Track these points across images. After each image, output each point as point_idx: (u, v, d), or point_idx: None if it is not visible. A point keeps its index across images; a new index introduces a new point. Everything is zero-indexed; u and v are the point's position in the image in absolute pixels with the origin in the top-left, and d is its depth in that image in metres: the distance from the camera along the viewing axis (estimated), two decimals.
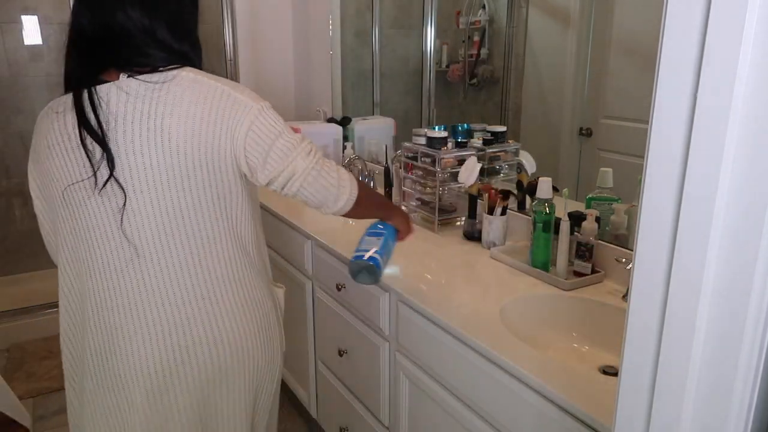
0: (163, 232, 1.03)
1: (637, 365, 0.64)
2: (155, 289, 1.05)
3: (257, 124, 1.04)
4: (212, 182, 1.04)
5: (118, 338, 1.07)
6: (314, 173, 1.09)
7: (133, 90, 1.01)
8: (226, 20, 3.00)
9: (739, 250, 0.54)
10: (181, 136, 1.00)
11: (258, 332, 1.15)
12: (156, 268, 1.05)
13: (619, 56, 1.59)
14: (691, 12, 0.54)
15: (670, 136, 0.57)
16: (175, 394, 1.09)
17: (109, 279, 1.07)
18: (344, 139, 2.64)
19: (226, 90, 1.04)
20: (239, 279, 1.11)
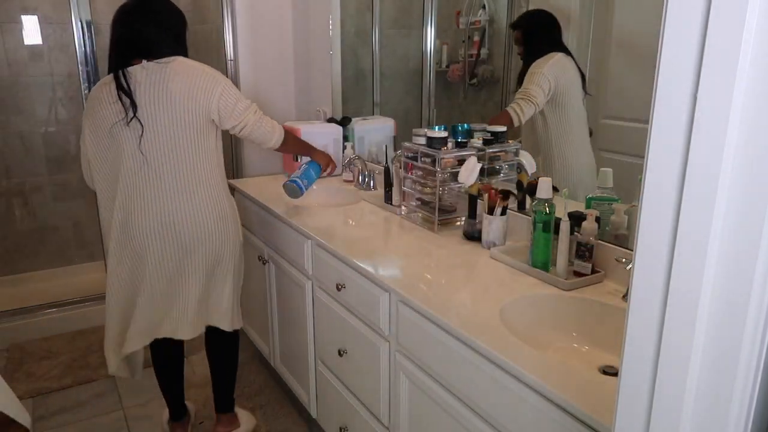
0: (163, 150, 1.75)
1: (637, 365, 0.64)
2: (155, 184, 1.77)
3: (225, 93, 1.79)
4: (194, 122, 1.76)
5: (133, 215, 1.78)
6: (258, 125, 1.88)
7: (150, 68, 1.75)
8: (226, 20, 3.00)
9: (739, 249, 0.54)
10: (178, 93, 1.73)
11: (216, 220, 1.84)
12: (157, 172, 1.76)
13: (619, 56, 1.59)
14: (691, 12, 0.54)
15: (670, 136, 0.57)
16: (163, 247, 1.80)
17: (130, 177, 1.77)
18: (344, 139, 2.64)
19: (206, 70, 1.80)
20: (206, 184, 1.81)
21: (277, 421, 2.30)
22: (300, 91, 3.16)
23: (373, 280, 1.55)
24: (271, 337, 2.38)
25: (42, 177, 3.46)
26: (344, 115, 2.71)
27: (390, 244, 1.85)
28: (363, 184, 2.45)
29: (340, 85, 2.79)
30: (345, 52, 2.78)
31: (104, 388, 2.53)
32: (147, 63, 1.74)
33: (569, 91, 1.79)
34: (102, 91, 1.78)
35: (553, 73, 1.80)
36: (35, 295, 3.06)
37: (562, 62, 1.78)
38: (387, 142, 2.48)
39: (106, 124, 1.76)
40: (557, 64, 1.79)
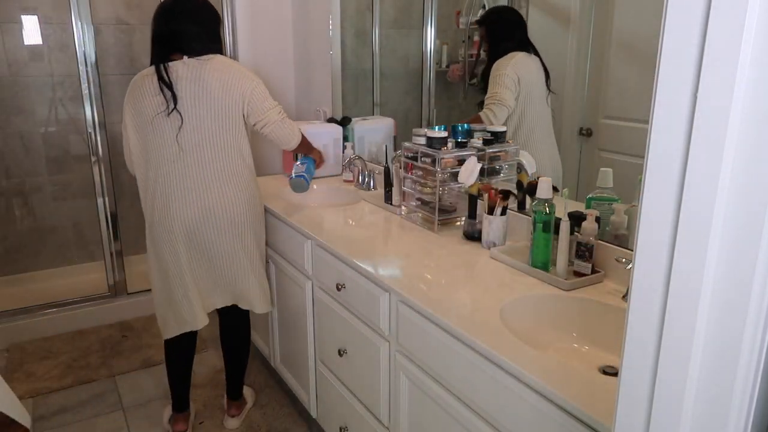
0: (200, 141, 1.89)
1: (637, 365, 0.64)
2: (190, 174, 1.91)
3: (255, 91, 1.93)
4: (229, 115, 1.90)
5: (171, 201, 1.91)
6: (280, 125, 1.98)
7: (190, 64, 1.88)
8: (226, 20, 3.00)
9: (739, 249, 0.54)
10: (215, 88, 1.87)
11: (246, 205, 1.99)
12: (191, 161, 1.90)
13: (619, 56, 1.59)
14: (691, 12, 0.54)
15: (670, 136, 0.57)
16: (200, 232, 1.94)
17: (168, 165, 1.90)
18: (344, 139, 2.64)
19: (241, 68, 1.95)
20: (238, 173, 1.96)
21: (277, 421, 2.30)
22: (300, 91, 3.16)
23: (373, 280, 1.55)
24: (271, 337, 2.38)
25: (42, 177, 3.46)
26: (344, 115, 2.71)
27: (390, 244, 1.85)
28: (363, 184, 2.45)
29: (340, 85, 2.79)
30: (345, 52, 2.78)
31: (104, 388, 2.53)
32: (188, 59, 1.87)
33: (531, 90, 1.85)
34: (144, 81, 1.89)
35: (516, 73, 1.86)
36: (35, 295, 3.06)
37: (524, 61, 1.84)
38: (387, 142, 2.48)
39: (149, 114, 1.88)
40: (519, 63, 1.85)
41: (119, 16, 3.48)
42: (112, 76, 3.51)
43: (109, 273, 3.06)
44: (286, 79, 3.16)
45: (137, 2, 3.51)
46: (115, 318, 3.08)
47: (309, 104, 3.07)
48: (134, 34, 3.54)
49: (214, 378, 2.58)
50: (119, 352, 2.79)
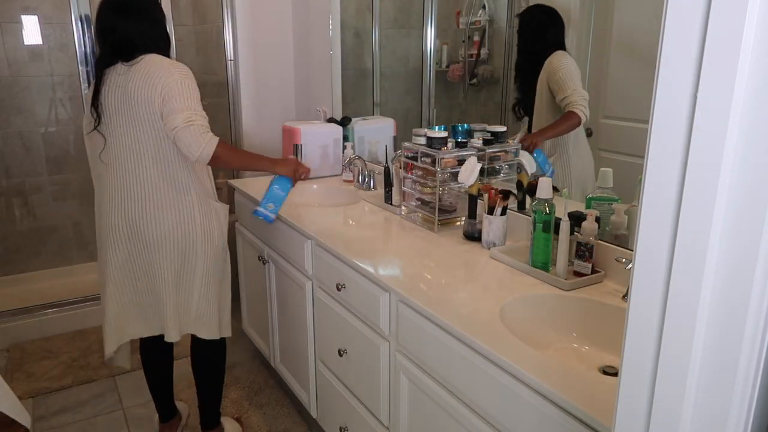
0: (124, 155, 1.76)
1: (637, 365, 0.64)
2: (117, 187, 1.78)
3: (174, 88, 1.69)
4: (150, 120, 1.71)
5: (103, 215, 1.83)
6: (181, 132, 1.68)
7: (119, 70, 1.74)
8: (226, 20, 3.00)
9: (739, 249, 0.54)
10: (136, 93, 1.70)
11: (178, 223, 1.80)
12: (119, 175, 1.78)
13: (619, 56, 1.59)
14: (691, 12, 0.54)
15: (670, 136, 0.57)
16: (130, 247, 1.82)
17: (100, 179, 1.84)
18: (344, 139, 2.64)
19: (165, 64, 1.73)
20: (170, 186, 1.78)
21: (277, 421, 2.30)
22: (300, 91, 3.16)
23: (373, 280, 1.55)
24: (271, 337, 2.38)
25: (42, 177, 3.46)
26: (344, 115, 2.71)
27: (390, 244, 1.85)
28: (363, 184, 2.45)
29: (340, 85, 2.79)
30: (345, 52, 2.78)
31: (104, 388, 2.53)
32: (119, 67, 1.74)
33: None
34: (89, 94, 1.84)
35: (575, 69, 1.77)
36: (35, 295, 3.06)
37: (572, 59, 1.76)
38: (387, 142, 2.48)
39: (87, 128, 1.84)
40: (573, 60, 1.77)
41: None
42: None
43: None
44: (286, 79, 3.16)
45: None
46: None
47: (309, 104, 3.07)
48: None
49: None
50: None
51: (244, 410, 2.37)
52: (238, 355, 2.79)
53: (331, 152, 2.62)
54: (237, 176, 3.19)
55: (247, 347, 2.84)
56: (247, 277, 2.60)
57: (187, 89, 1.72)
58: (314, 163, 2.58)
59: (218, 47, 3.21)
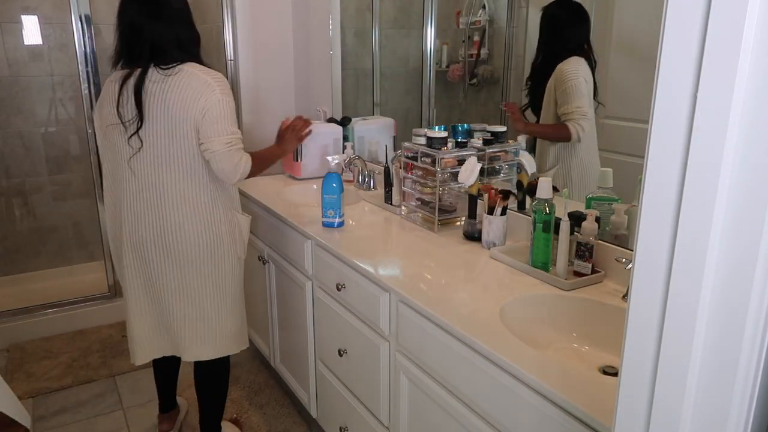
0: (152, 163, 1.71)
1: (637, 365, 0.64)
2: (147, 197, 1.74)
3: (213, 108, 1.67)
4: (185, 135, 1.68)
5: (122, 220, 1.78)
6: (220, 156, 1.69)
7: (154, 77, 1.68)
8: (226, 20, 3.00)
9: (739, 250, 0.54)
10: (173, 105, 1.66)
11: (208, 237, 1.78)
12: (144, 183, 1.73)
13: (619, 56, 1.59)
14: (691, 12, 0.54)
15: (670, 136, 0.57)
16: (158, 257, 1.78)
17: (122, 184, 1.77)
18: (344, 139, 2.64)
19: (208, 81, 1.69)
20: (193, 201, 1.75)
21: (277, 421, 2.30)
22: (300, 91, 3.16)
23: (373, 280, 1.55)
24: (271, 337, 2.38)
25: (42, 177, 3.46)
26: (344, 115, 2.71)
27: (390, 244, 1.85)
28: (363, 184, 2.45)
29: (340, 85, 2.79)
30: (345, 52, 2.78)
31: (104, 388, 2.53)
32: (153, 70, 1.68)
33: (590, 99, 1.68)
34: (109, 88, 1.76)
35: (586, 80, 1.66)
36: (35, 295, 3.06)
37: (587, 69, 1.65)
38: (387, 142, 2.48)
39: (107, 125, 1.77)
40: (587, 70, 1.66)
41: None
42: None
43: (109, 273, 3.05)
44: (286, 79, 3.16)
45: None
46: (115, 318, 3.07)
47: (309, 104, 3.07)
48: None
49: None
50: (119, 352, 2.78)
51: (244, 410, 2.37)
52: (238, 355, 2.78)
53: (331, 152, 2.62)
54: None
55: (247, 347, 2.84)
56: (247, 277, 2.60)
57: (228, 108, 1.71)
58: (314, 163, 2.58)
59: (218, 47, 3.21)
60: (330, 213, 1.91)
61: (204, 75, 1.70)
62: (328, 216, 1.92)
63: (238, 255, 1.90)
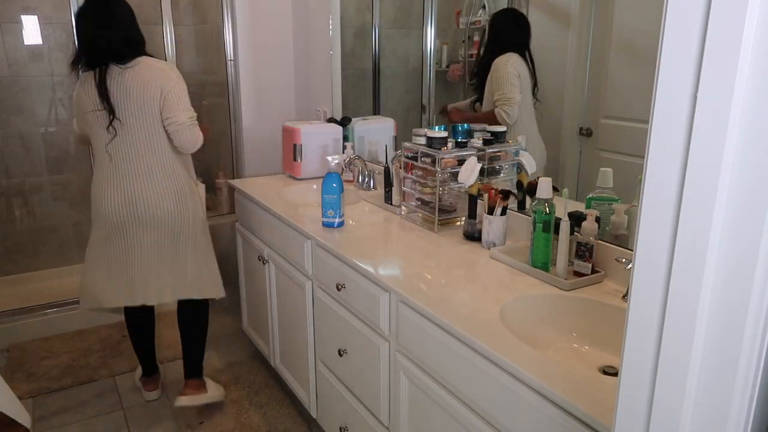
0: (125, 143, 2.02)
1: (638, 365, 0.64)
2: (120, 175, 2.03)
3: (174, 89, 2.00)
4: (149, 113, 2.00)
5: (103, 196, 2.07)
6: (186, 128, 2.03)
7: (114, 72, 1.99)
8: (226, 20, 3.00)
9: (739, 250, 0.54)
10: (135, 89, 1.98)
11: (174, 201, 2.08)
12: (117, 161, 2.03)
13: (619, 56, 1.59)
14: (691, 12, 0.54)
15: (670, 136, 0.57)
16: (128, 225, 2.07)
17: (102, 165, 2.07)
18: (344, 139, 2.64)
19: (165, 69, 2.03)
20: (163, 169, 2.06)
21: (277, 421, 2.30)
22: (300, 91, 3.16)
23: (373, 280, 1.55)
24: (271, 337, 2.38)
25: (42, 177, 3.46)
26: (344, 115, 2.71)
27: (390, 244, 1.85)
28: (363, 184, 2.45)
29: (340, 85, 2.79)
30: (345, 52, 2.78)
31: (104, 388, 2.53)
32: (113, 67, 1.98)
33: (524, 91, 1.92)
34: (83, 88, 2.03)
35: (517, 70, 1.93)
36: (35, 295, 3.06)
37: (520, 62, 1.91)
38: (387, 142, 2.48)
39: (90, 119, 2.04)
40: (518, 62, 1.92)
41: None
42: None
43: None
44: (286, 79, 3.16)
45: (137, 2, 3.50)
46: (115, 318, 3.07)
47: (309, 104, 3.07)
48: None
49: (214, 379, 2.58)
50: (119, 352, 2.78)
51: (244, 410, 2.37)
52: (238, 355, 2.79)
53: (331, 152, 2.62)
54: (237, 176, 3.19)
55: (247, 347, 2.84)
56: (247, 277, 2.60)
57: (183, 90, 2.04)
58: (314, 163, 2.58)
59: (218, 47, 3.21)
60: (330, 213, 1.92)
61: (158, 64, 2.04)
62: (328, 216, 1.93)
63: (200, 218, 2.19)
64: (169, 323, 2.72)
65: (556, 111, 1.81)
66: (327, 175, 1.93)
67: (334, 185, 1.90)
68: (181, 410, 2.34)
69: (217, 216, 3.33)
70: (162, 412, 2.35)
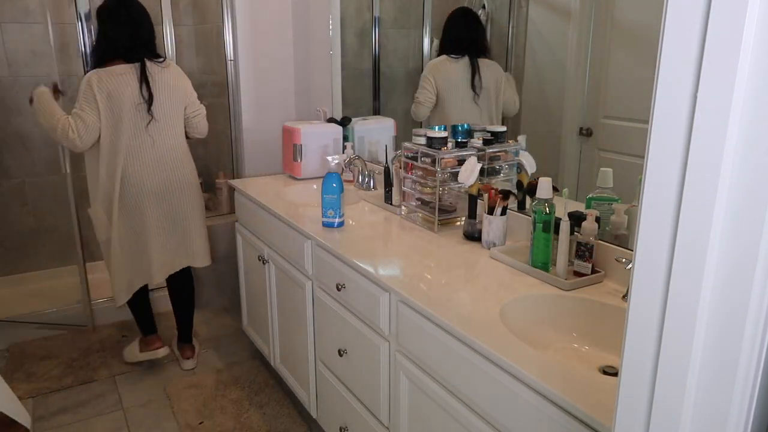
0: (163, 128, 2.42)
1: (638, 365, 0.64)
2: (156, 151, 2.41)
3: (192, 90, 2.53)
4: (179, 107, 2.46)
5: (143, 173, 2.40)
6: (204, 117, 2.57)
7: (155, 69, 2.37)
8: (226, 20, 3.00)
9: (739, 249, 0.54)
10: (172, 88, 2.42)
11: (192, 172, 2.54)
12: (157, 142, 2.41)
13: (619, 57, 1.59)
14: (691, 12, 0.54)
15: (670, 136, 0.57)
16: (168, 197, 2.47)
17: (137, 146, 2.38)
18: (344, 139, 2.64)
19: (182, 71, 2.51)
20: (184, 148, 2.52)
21: (277, 421, 2.30)
22: (300, 91, 3.16)
23: (373, 280, 1.55)
24: (271, 337, 2.38)
25: (42, 177, 3.46)
26: (344, 115, 2.71)
27: (390, 244, 1.85)
28: (363, 184, 2.45)
29: (340, 85, 2.79)
30: (345, 52, 2.78)
31: (104, 388, 2.53)
32: (151, 63, 2.35)
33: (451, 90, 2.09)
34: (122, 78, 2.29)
35: (431, 75, 2.11)
36: (35, 295, 3.06)
37: (442, 64, 2.08)
38: (387, 142, 2.48)
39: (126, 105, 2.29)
40: (437, 66, 2.11)
41: None
42: None
43: None
44: (286, 79, 3.16)
45: None
46: (115, 318, 3.07)
47: (309, 104, 3.07)
48: None
49: (215, 378, 2.58)
50: (119, 352, 2.78)
51: (244, 410, 2.37)
52: (238, 355, 2.79)
53: (331, 152, 2.61)
54: (237, 176, 3.19)
55: (247, 347, 2.84)
56: (247, 277, 2.60)
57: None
58: (314, 163, 2.58)
59: (218, 47, 3.21)
60: (330, 213, 1.92)
61: (179, 68, 2.50)
62: (328, 216, 1.93)
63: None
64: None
65: (556, 111, 1.81)
66: (327, 175, 1.93)
67: (334, 185, 1.90)
68: (181, 409, 2.34)
69: (217, 216, 3.33)
70: (162, 413, 2.35)
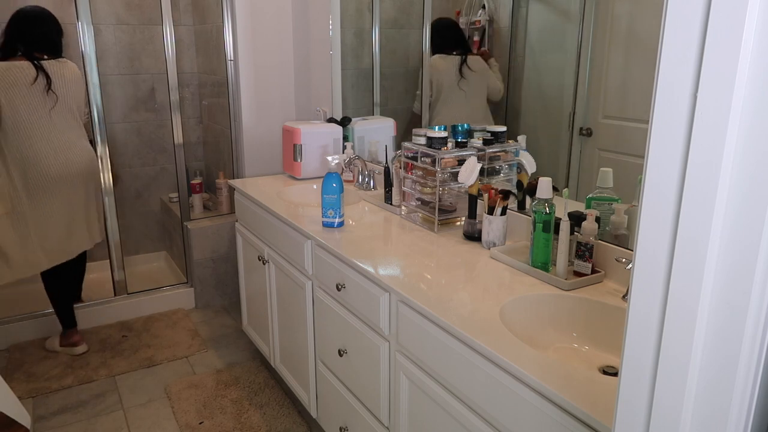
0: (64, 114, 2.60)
1: (638, 365, 0.64)
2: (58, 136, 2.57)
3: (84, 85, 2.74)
4: (76, 98, 2.65)
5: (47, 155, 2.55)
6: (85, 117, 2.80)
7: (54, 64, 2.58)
8: (226, 20, 3.00)
9: (739, 249, 0.54)
10: (70, 81, 2.62)
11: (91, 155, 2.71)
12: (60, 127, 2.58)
13: (619, 57, 1.59)
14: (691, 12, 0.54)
15: (670, 136, 0.57)
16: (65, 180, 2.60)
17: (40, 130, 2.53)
18: (344, 139, 2.64)
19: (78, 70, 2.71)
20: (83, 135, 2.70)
21: (277, 421, 2.30)
22: (300, 91, 3.16)
23: (373, 280, 1.55)
24: (271, 337, 2.38)
25: None
26: (344, 115, 2.71)
27: (390, 244, 1.85)
28: (363, 184, 2.45)
29: (340, 85, 2.79)
30: (345, 52, 2.78)
31: (104, 388, 2.53)
32: (51, 59, 2.57)
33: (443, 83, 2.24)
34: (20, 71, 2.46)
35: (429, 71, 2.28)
36: (35, 296, 3.06)
37: (435, 63, 2.25)
38: (387, 142, 2.48)
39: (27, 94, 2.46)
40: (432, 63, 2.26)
41: (119, 16, 3.48)
42: (112, 76, 3.51)
43: (115, 272, 3.06)
44: (286, 79, 3.16)
45: (137, 2, 3.51)
46: (115, 318, 3.08)
47: (309, 104, 3.07)
48: (134, 34, 3.54)
49: (215, 378, 2.58)
50: (119, 352, 2.78)
51: (244, 410, 2.37)
52: (238, 355, 2.79)
53: (331, 152, 2.62)
54: (237, 176, 3.19)
55: (247, 347, 2.84)
56: (247, 277, 2.60)
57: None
58: (314, 163, 2.58)
59: (218, 47, 3.21)
60: (330, 213, 1.92)
61: (75, 66, 2.67)
62: (328, 216, 1.93)
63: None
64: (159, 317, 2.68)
65: (556, 111, 1.81)
66: (327, 175, 1.93)
67: (334, 185, 1.90)
68: (181, 409, 2.34)
69: (217, 216, 3.33)
70: (162, 412, 2.35)
